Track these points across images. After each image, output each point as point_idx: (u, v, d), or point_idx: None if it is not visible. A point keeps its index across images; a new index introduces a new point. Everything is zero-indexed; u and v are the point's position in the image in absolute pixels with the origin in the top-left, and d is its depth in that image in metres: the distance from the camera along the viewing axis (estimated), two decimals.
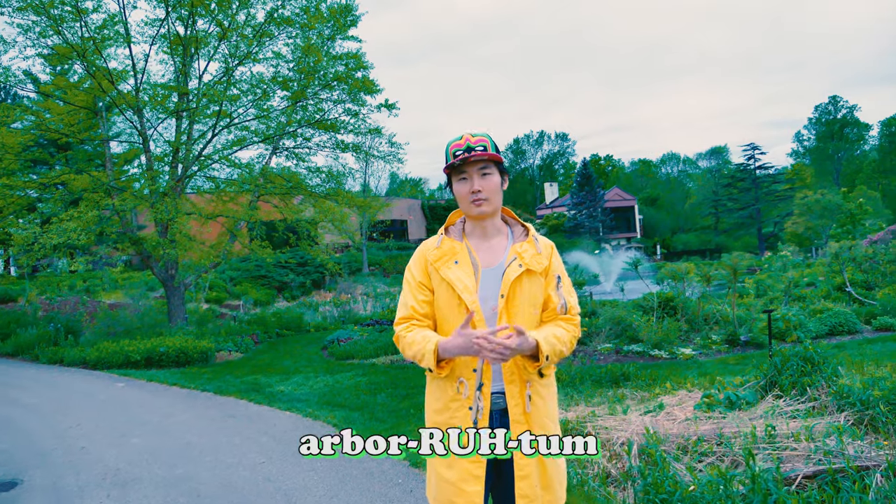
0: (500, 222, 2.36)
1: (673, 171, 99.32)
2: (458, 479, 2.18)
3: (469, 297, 2.19)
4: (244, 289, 27.38)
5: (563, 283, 2.32)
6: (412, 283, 2.33)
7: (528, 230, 2.36)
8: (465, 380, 2.20)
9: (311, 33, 14.96)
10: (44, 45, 13.27)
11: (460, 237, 2.35)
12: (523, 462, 2.19)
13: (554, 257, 2.33)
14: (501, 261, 2.27)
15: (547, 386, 2.29)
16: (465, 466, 2.18)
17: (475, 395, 2.18)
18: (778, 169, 64.41)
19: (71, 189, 14.50)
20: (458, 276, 2.22)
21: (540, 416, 2.24)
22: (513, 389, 2.21)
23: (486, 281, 2.24)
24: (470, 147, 2.21)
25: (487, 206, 2.24)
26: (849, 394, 5.28)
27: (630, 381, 7.67)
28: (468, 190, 2.23)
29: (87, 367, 11.80)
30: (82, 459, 5.90)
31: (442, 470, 2.24)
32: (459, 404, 2.21)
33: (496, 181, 2.26)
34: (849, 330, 11.08)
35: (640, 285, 12.91)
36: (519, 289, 2.23)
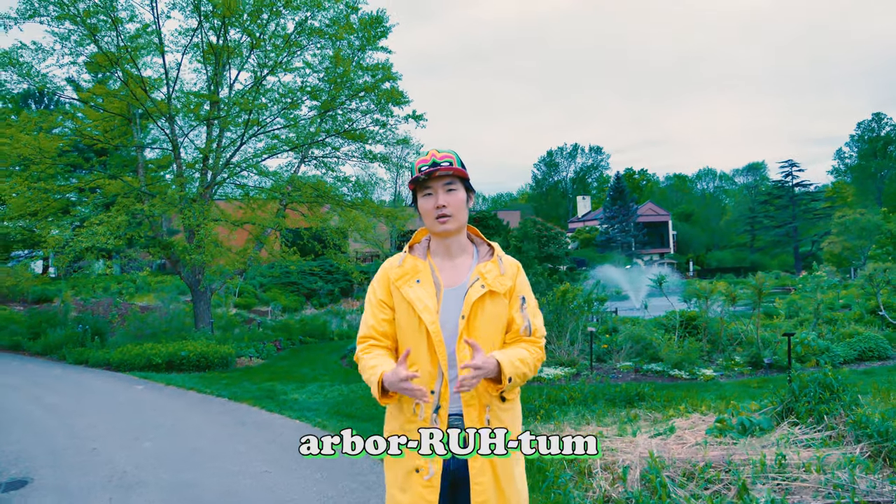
0: (465, 241, 2.32)
1: (709, 186, 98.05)
2: (410, 502, 2.14)
3: (429, 317, 2.15)
4: (273, 295, 27.63)
5: (528, 304, 2.27)
6: (373, 302, 2.30)
7: (493, 249, 2.32)
8: (422, 402, 2.16)
9: (341, 44, 15.10)
10: (81, 53, 13.61)
11: (424, 255, 2.31)
12: (480, 487, 2.12)
13: (519, 277, 2.28)
14: (465, 281, 2.23)
15: (508, 410, 2.23)
16: (418, 491, 2.13)
17: (432, 418, 2.14)
18: (817, 186, 63.25)
19: (105, 194, 14.83)
20: (419, 296, 2.18)
21: None
22: (471, 413, 2.15)
23: (449, 301, 2.20)
24: (436, 162, 2.18)
25: (452, 222, 2.20)
26: (867, 424, 5.10)
27: (645, 402, 7.53)
28: (432, 205, 2.19)
29: (110, 368, 12.01)
30: (92, 461, 5.97)
31: (396, 492, 2.21)
32: (415, 426, 2.17)
33: (461, 197, 2.22)
34: (879, 356, 10.76)
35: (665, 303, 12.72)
36: (481, 310, 2.18)
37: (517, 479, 2.22)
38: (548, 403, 7.45)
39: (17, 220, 15.09)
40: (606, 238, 59.41)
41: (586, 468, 4.92)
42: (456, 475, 2.17)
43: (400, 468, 2.20)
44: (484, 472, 2.13)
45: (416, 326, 2.18)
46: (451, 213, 2.19)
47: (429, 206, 2.20)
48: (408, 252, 2.33)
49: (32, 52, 13.32)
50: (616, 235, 59.20)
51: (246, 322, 19.99)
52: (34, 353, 14.34)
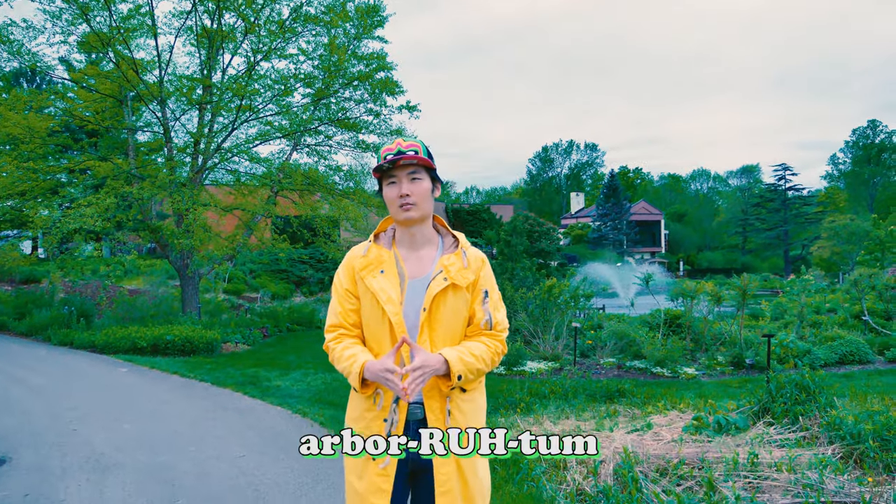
0: (430, 231, 2.32)
1: (702, 187, 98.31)
2: (366, 490, 2.16)
3: (392, 308, 2.15)
4: (263, 282, 27.58)
5: (491, 297, 2.27)
6: (339, 292, 2.31)
7: (457, 241, 2.32)
8: (383, 391, 2.17)
9: (337, 31, 15.04)
10: (72, 32, 13.50)
11: (389, 245, 2.31)
12: (444, 477, 2.14)
13: (483, 271, 2.28)
14: (429, 272, 2.23)
15: (470, 401, 2.23)
16: (372, 479, 2.15)
17: (391, 408, 2.15)
18: (810, 191, 63.48)
19: (95, 175, 14.75)
20: (383, 287, 2.19)
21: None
22: (432, 404, 2.17)
23: (412, 292, 2.21)
24: (401, 151, 2.19)
25: (415, 211, 2.20)
26: (840, 426, 5.15)
27: (625, 398, 7.58)
28: (396, 194, 2.20)
29: (95, 350, 11.98)
30: (71, 442, 5.98)
31: (353, 479, 2.22)
32: (374, 415, 2.19)
33: (426, 187, 2.22)
34: (860, 360, 10.85)
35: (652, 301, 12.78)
36: (443, 303, 2.18)
37: (479, 469, 2.23)
38: (528, 397, 7.49)
39: (6, 199, 14.98)
40: (599, 235, 59.50)
41: (560, 461, 4.95)
42: (416, 463, 2.19)
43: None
44: (447, 463, 2.15)
45: (379, 317, 2.19)
46: (415, 201, 2.19)
47: (393, 194, 2.21)
48: (373, 241, 2.33)
49: (23, 30, 13.19)
50: (608, 233, 59.29)
51: (234, 308, 19.97)
52: (19, 334, 14.29)
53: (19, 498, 4.54)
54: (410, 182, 2.20)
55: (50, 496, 4.58)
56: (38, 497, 4.56)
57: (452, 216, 56.48)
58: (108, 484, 4.82)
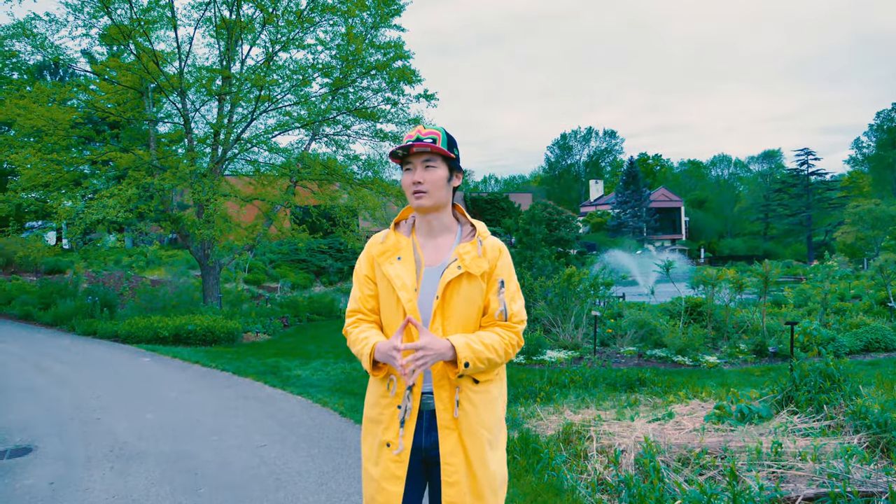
0: (449, 220, 2.31)
1: (723, 173, 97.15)
2: (380, 476, 2.16)
3: (405, 294, 2.15)
4: (283, 272, 27.76)
5: (507, 288, 2.24)
6: (360, 278, 2.32)
7: (475, 230, 2.30)
8: (396, 378, 2.17)
9: (354, 21, 15.01)
10: (94, 25, 13.60)
11: (408, 233, 2.31)
12: (451, 468, 2.13)
13: (500, 260, 2.26)
14: (445, 260, 2.23)
15: (481, 392, 2.21)
16: (387, 465, 2.15)
17: (405, 395, 2.14)
18: (833, 176, 62.63)
19: (117, 166, 14.88)
20: (398, 273, 2.19)
21: (470, 423, 2.16)
22: (441, 393, 2.15)
23: (428, 280, 2.20)
24: (419, 138, 2.18)
25: (427, 199, 2.19)
26: (866, 415, 5.08)
27: (646, 387, 7.53)
28: (410, 181, 2.20)
29: (118, 340, 12.13)
30: (95, 430, 6.05)
31: (369, 466, 2.23)
32: (389, 401, 2.19)
33: (440, 175, 2.20)
34: (885, 347, 10.69)
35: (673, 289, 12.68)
36: (456, 291, 2.17)
37: (491, 462, 2.19)
38: (549, 386, 7.47)
39: (30, 190, 15.18)
40: (618, 223, 59.13)
41: (582, 451, 4.93)
42: (427, 454, 2.18)
43: (374, 441, 2.23)
44: (455, 454, 2.13)
45: (394, 303, 2.19)
46: (427, 189, 2.19)
47: (407, 181, 2.21)
48: (393, 229, 2.34)
49: (46, 24, 13.34)
50: (628, 220, 58.90)
51: (255, 298, 20.11)
52: (44, 324, 14.50)
53: (45, 486, 4.60)
54: (424, 170, 2.19)
55: (75, 485, 4.64)
56: (64, 485, 4.62)
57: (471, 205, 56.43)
58: (132, 472, 4.88)
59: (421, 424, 2.18)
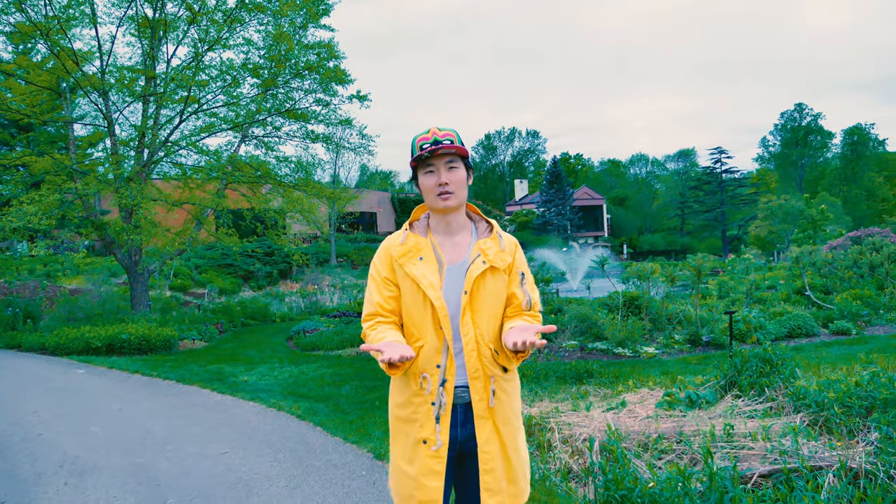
0: (464, 218, 2.36)
1: (641, 171, 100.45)
2: (418, 473, 2.19)
3: (434, 293, 2.19)
4: (210, 277, 27.04)
5: (527, 279, 2.33)
6: (377, 279, 2.33)
7: (492, 227, 2.37)
8: (429, 375, 2.20)
9: (283, 21, 14.80)
10: (6, 22, 12.92)
11: (425, 233, 2.34)
12: (488, 456, 2.19)
13: (518, 254, 2.34)
14: (466, 257, 2.28)
15: (510, 380, 2.29)
16: (425, 461, 2.18)
17: (438, 391, 2.18)
18: (744, 173, 65.57)
19: (32, 171, 14.17)
20: (423, 273, 2.22)
21: (504, 411, 2.24)
22: (477, 385, 2.20)
23: (451, 277, 2.24)
24: (437, 140, 2.21)
25: (454, 199, 2.24)
26: (805, 395, 5.39)
27: (594, 379, 7.76)
28: (435, 182, 2.23)
29: (46, 352, 11.58)
30: (40, 447, 5.79)
31: (402, 464, 2.25)
32: (422, 399, 2.21)
33: (462, 175, 2.26)
34: (807, 333, 11.34)
35: (606, 284, 13.06)
36: (483, 285, 2.23)
37: (521, 448, 2.29)
38: None
39: None
40: (543, 221, 60.18)
41: (545, 442, 5.06)
42: (463, 447, 2.23)
43: (407, 440, 2.25)
44: (491, 442, 2.20)
45: (421, 303, 2.22)
46: (453, 190, 2.23)
47: (430, 182, 2.24)
48: (409, 230, 2.36)
49: None
50: (553, 218, 60.03)
51: (183, 304, 19.52)
52: None
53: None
54: (448, 171, 2.23)
55: (29, 502, 4.44)
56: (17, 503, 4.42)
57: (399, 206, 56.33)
58: (90, 487, 4.70)
59: (455, 418, 2.22)
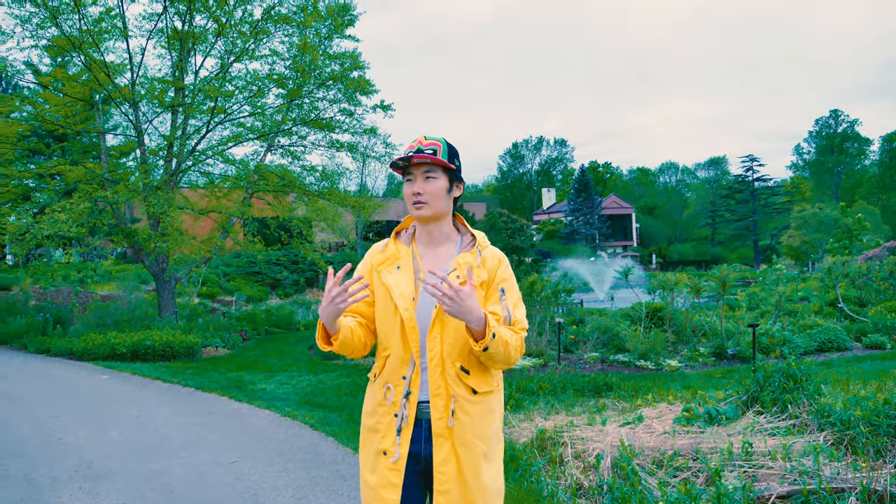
0: (450, 229, 2.33)
1: (671, 180, 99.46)
2: (377, 484, 2.17)
3: (403, 303, 2.16)
4: (237, 285, 27.31)
5: (509, 296, 2.26)
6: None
7: (475, 240, 2.32)
8: (393, 386, 2.18)
9: (308, 31, 14.94)
10: (42, 36, 13.25)
11: (409, 242, 2.33)
12: (444, 477, 2.13)
13: (500, 270, 2.27)
14: (445, 269, 2.24)
15: (477, 403, 2.19)
16: (384, 473, 2.16)
17: (402, 403, 2.15)
18: (777, 181, 64.63)
19: (66, 180, 14.48)
20: (397, 282, 2.20)
21: (464, 433, 2.15)
22: (437, 402, 2.15)
23: None
24: (420, 149, 2.20)
25: (427, 209, 2.21)
26: (829, 413, 5.23)
27: (613, 392, 7.65)
28: (410, 191, 2.22)
29: (73, 357, 11.77)
30: (58, 451, 5.87)
31: (366, 474, 2.23)
32: (385, 410, 2.19)
33: (440, 186, 2.23)
34: (838, 347, 11.06)
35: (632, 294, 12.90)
36: None
37: (485, 474, 2.17)
38: (518, 393, 7.52)
39: None
40: (571, 230, 59.91)
41: (557, 457, 4.98)
42: (428, 463, 2.18)
43: (371, 449, 2.23)
44: (448, 463, 2.13)
45: (391, 312, 2.20)
46: (426, 200, 2.20)
47: (408, 191, 2.23)
48: (394, 238, 2.35)
49: None
50: (580, 228, 59.73)
51: (210, 312, 19.73)
52: None
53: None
54: (424, 181, 2.21)
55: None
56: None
57: None
58: (103, 492, 4.74)
59: (419, 434, 2.17)
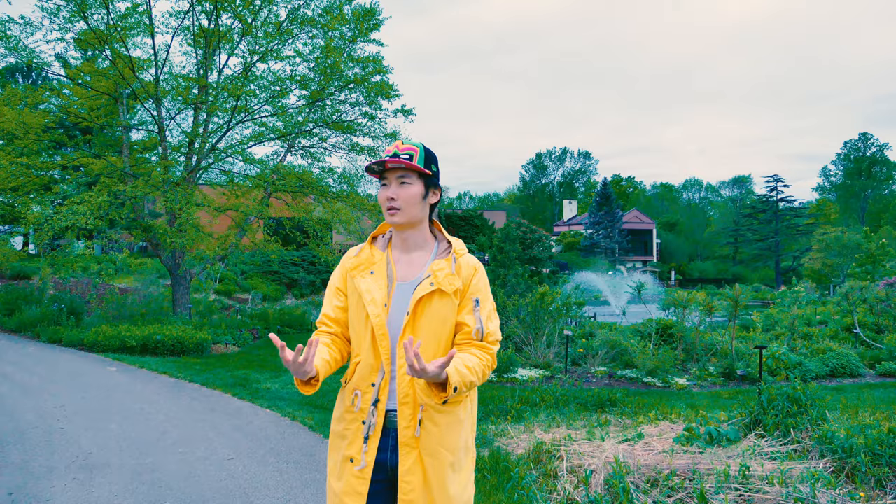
0: (426, 236, 2.30)
1: (694, 197, 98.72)
2: (342, 491, 2.15)
3: (374, 310, 2.14)
4: (254, 283, 27.49)
5: (483, 307, 2.22)
6: (331, 289, 2.32)
7: (450, 247, 2.30)
8: (361, 393, 2.16)
9: (333, 34, 15.04)
10: (69, 29, 13.45)
11: (384, 247, 2.31)
12: (408, 486, 2.11)
13: (475, 279, 2.24)
14: (418, 276, 2.22)
15: (447, 414, 2.18)
16: (349, 480, 2.14)
17: (370, 410, 2.13)
18: (802, 203, 63.84)
19: (88, 172, 14.68)
20: (369, 288, 2.18)
21: (432, 444, 2.14)
22: (405, 411, 2.13)
23: (399, 295, 2.19)
24: (397, 154, 2.18)
25: (400, 216, 2.19)
26: (832, 439, 5.14)
27: (616, 407, 7.57)
28: (385, 196, 2.20)
29: (84, 349, 11.89)
30: (58, 440, 5.92)
31: (332, 480, 2.22)
32: (353, 417, 2.17)
33: (414, 192, 2.20)
34: (850, 373, 10.86)
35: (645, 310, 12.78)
36: (428, 307, 2.15)
37: (451, 485, 2.16)
38: (519, 404, 7.47)
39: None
40: (591, 243, 59.59)
41: (552, 470, 4.93)
42: (394, 471, 2.16)
43: (337, 456, 2.22)
44: (413, 472, 2.12)
45: (362, 318, 2.18)
46: (400, 206, 2.18)
47: (382, 196, 2.21)
48: (369, 243, 2.33)
49: (20, 27, 13.14)
50: (600, 241, 59.39)
51: (225, 309, 19.88)
52: (8, 330, 14.17)
53: (4, 496, 4.48)
54: (399, 186, 2.19)
55: (36, 495, 4.53)
56: (24, 496, 4.51)
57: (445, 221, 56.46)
58: (95, 484, 4.77)
59: (387, 442, 2.16)
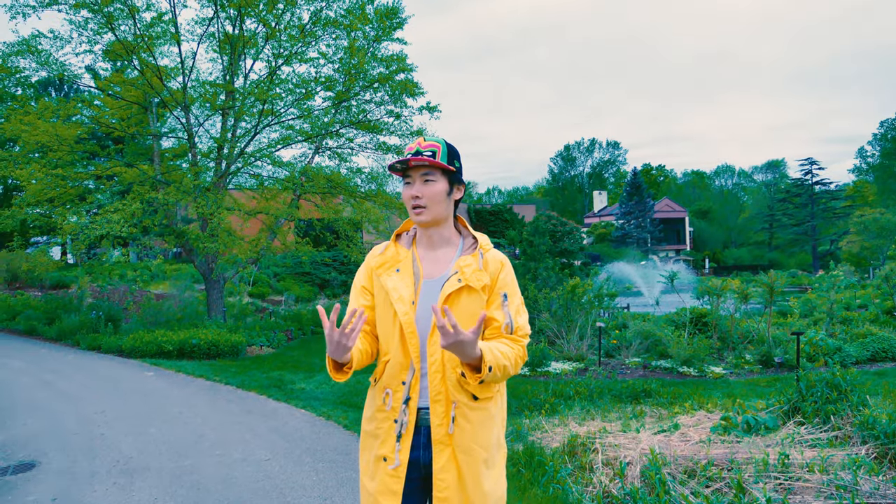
0: (450, 232, 2.29)
1: (727, 183, 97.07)
2: (376, 490, 2.14)
3: (402, 307, 2.13)
4: (287, 285, 27.75)
5: (511, 301, 2.20)
6: (357, 288, 2.31)
7: (476, 243, 2.28)
8: (392, 391, 2.15)
9: (356, 34, 15.10)
10: (97, 41, 13.71)
11: (409, 245, 2.29)
12: (443, 484, 2.10)
13: (503, 273, 2.22)
14: (445, 273, 2.21)
15: (479, 410, 2.16)
16: (384, 479, 2.13)
17: (401, 409, 2.12)
18: (838, 185, 62.45)
19: (121, 181, 14.96)
20: (396, 286, 2.17)
21: (465, 440, 2.12)
22: (437, 409, 2.12)
23: (426, 292, 2.18)
24: (419, 152, 2.16)
25: (425, 214, 2.17)
26: (874, 425, 5.03)
27: (651, 398, 7.49)
28: (409, 195, 2.18)
29: (122, 355, 12.11)
30: (99, 446, 6.04)
31: (366, 480, 2.21)
32: (385, 415, 2.17)
33: (439, 189, 2.18)
34: (892, 357, 10.62)
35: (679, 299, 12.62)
36: (456, 304, 2.14)
37: (485, 481, 2.15)
38: (553, 398, 7.44)
39: (35, 206, 15.26)
40: (622, 234, 59.05)
41: (587, 463, 4.90)
42: (428, 469, 2.16)
43: (370, 455, 2.21)
44: (447, 470, 2.11)
45: (390, 316, 2.17)
46: (425, 203, 2.17)
47: (406, 194, 2.20)
48: (394, 240, 2.32)
49: (50, 41, 13.42)
50: (632, 231, 58.81)
51: (259, 311, 20.10)
52: (49, 339, 14.50)
53: (48, 502, 4.58)
54: (423, 184, 2.17)
55: (78, 500, 4.62)
56: (67, 501, 4.61)
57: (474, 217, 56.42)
58: (136, 488, 4.86)
59: (419, 440, 2.15)
